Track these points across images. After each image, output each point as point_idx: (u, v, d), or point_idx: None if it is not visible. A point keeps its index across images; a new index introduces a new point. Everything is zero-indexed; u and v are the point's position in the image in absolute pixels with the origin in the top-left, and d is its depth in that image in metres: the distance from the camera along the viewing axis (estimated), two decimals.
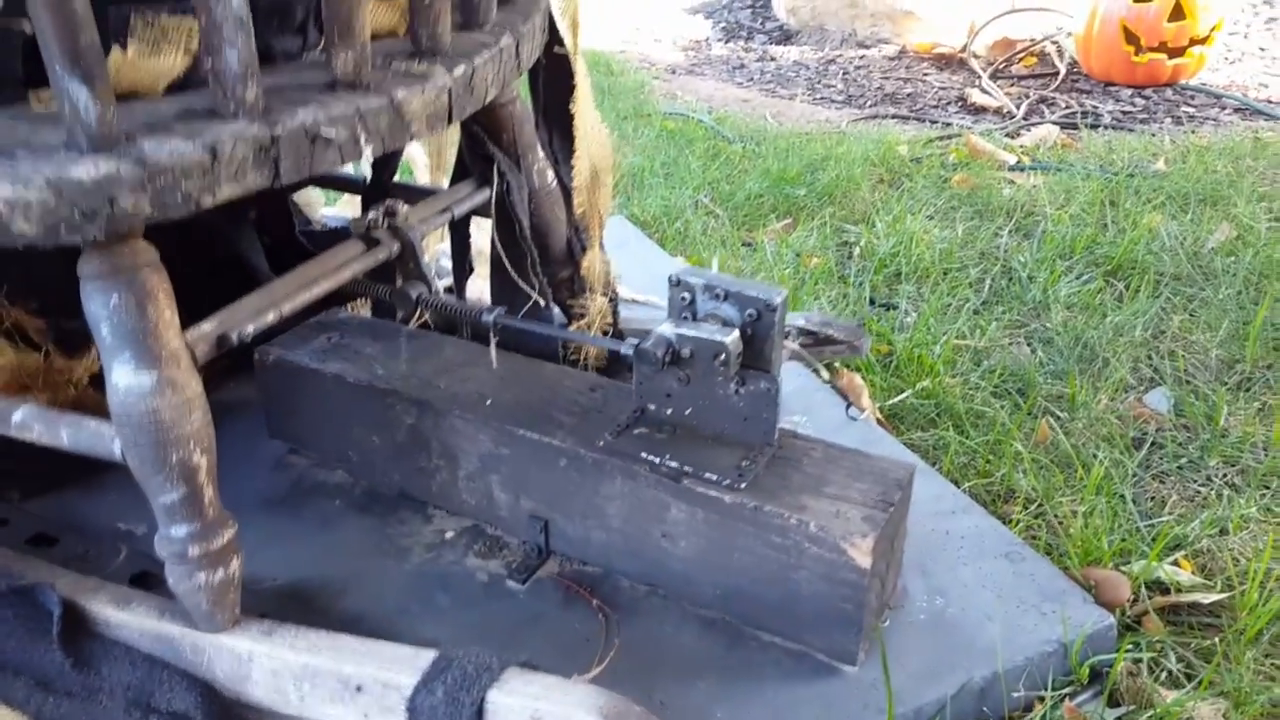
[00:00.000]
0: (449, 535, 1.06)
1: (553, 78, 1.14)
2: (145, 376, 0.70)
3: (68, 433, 0.76)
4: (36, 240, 0.62)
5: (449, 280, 1.37)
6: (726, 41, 3.71)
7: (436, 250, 1.51)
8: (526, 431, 0.96)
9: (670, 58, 3.56)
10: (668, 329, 0.83)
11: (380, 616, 0.94)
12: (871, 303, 1.60)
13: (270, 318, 0.85)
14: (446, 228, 1.15)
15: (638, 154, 2.31)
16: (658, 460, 0.88)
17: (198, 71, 0.70)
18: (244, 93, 0.67)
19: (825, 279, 1.66)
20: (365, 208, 1.29)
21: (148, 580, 0.98)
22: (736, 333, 0.81)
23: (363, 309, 1.35)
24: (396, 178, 1.43)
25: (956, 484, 1.12)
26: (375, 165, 1.23)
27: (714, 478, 0.85)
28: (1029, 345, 1.44)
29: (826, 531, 0.79)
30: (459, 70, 0.82)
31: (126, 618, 0.87)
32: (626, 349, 0.84)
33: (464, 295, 1.29)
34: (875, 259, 1.71)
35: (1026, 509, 1.09)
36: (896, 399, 1.27)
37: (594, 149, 1.18)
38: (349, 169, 1.46)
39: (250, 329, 0.83)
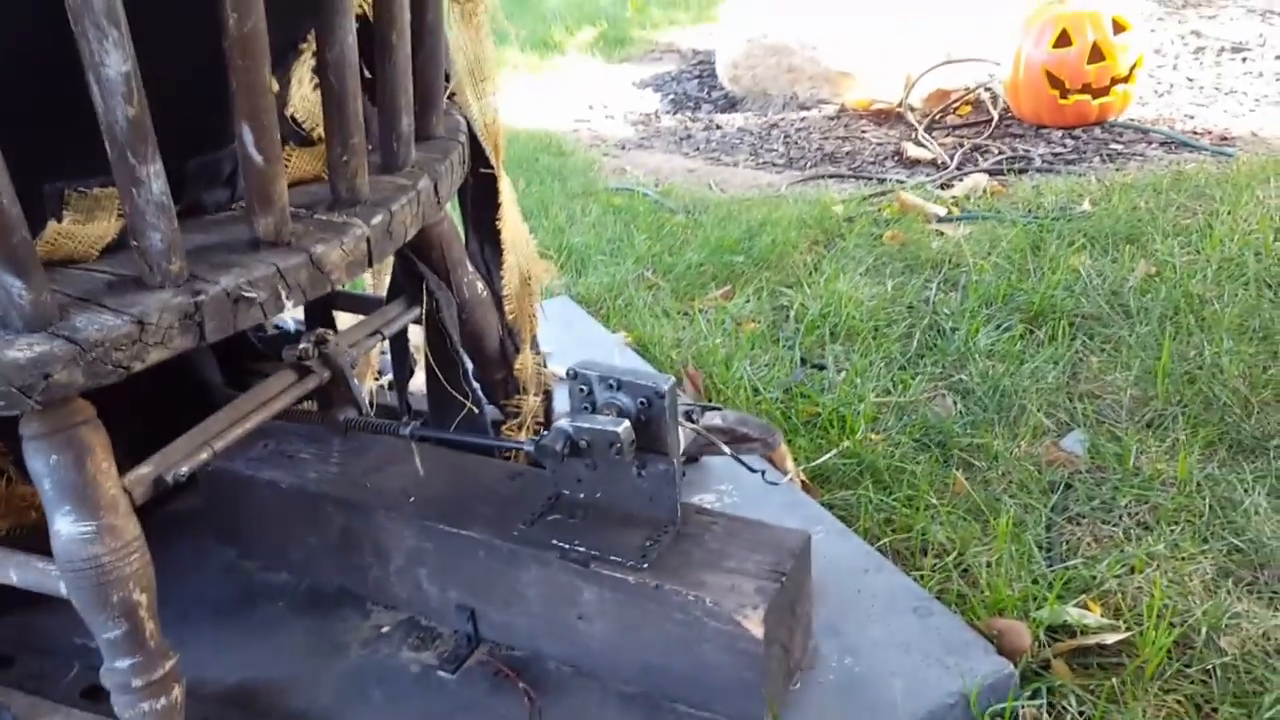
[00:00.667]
0: (385, 629, 1.10)
1: (480, 194, 1.21)
2: (85, 526, 0.76)
3: (16, 572, 0.82)
4: None
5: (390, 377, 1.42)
6: (675, 113, 3.83)
7: (378, 357, 1.56)
8: (446, 526, 1.00)
9: (621, 133, 3.67)
10: (565, 423, 0.88)
11: (319, 713, 0.98)
12: (803, 363, 1.65)
13: (204, 456, 0.90)
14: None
15: (584, 233, 2.39)
16: (567, 546, 0.93)
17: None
18: (168, 266, 0.74)
19: (760, 342, 1.72)
20: (307, 315, 1.35)
21: (98, 693, 1.01)
22: (627, 422, 0.86)
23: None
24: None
25: (874, 541, 1.16)
26: None
27: (619, 560, 0.90)
28: (951, 397, 1.49)
29: (721, 605, 0.84)
30: (377, 219, 0.88)
31: None
32: (529, 445, 0.89)
33: (405, 397, 1.34)
34: (807, 320, 1.77)
35: (940, 561, 1.13)
36: (820, 460, 1.32)
37: (522, 258, 1.24)
38: None
39: (185, 469, 0.88)
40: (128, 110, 0.65)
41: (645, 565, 0.89)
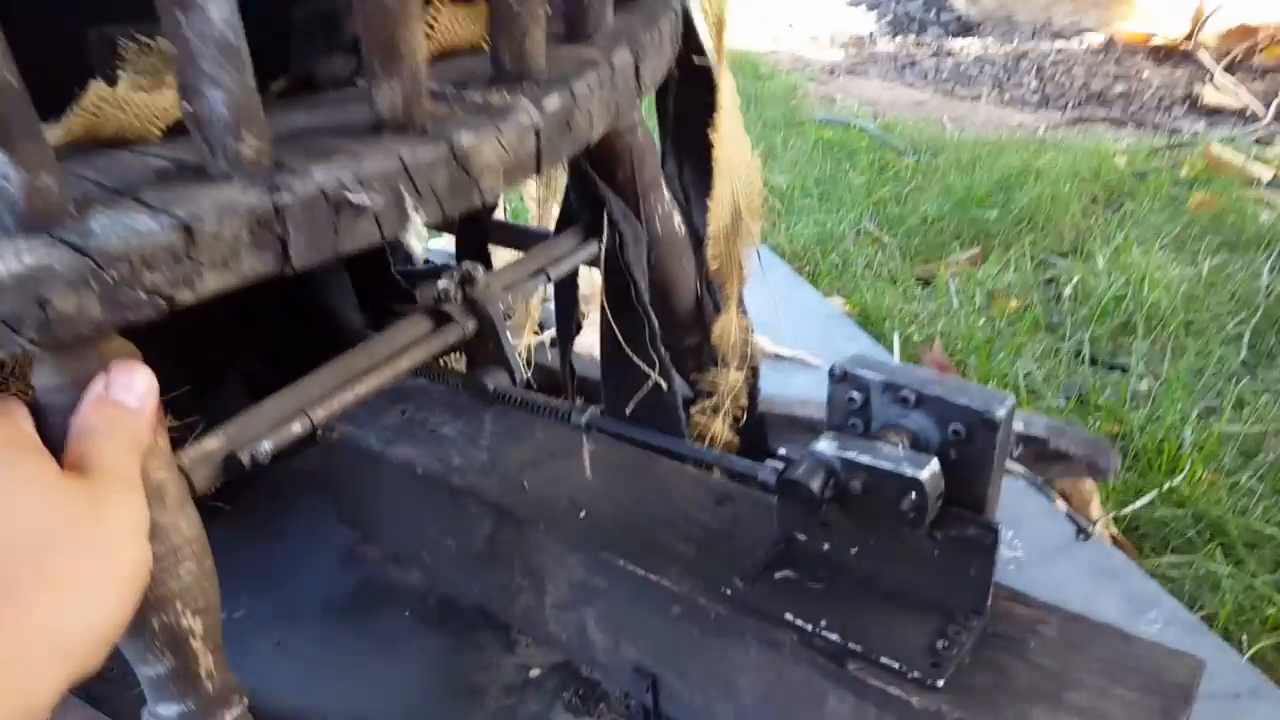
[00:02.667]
0: (534, 674, 0.88)
1: (688, 95, 0.93)
2: None
3: None
4: None
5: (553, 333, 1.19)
6: (894, 36, 3.43)
7: (540, 305, 1.32)
8: (628, 564, 0.75)
9: (828, 57, 3.31)
10: (828, 448, 0.60)
11: None
12: (1092, 362, 1.31)
13: (297, 429, 0.67)
14: None
15: (787, 170, 2.08)
16: (810, 629, 0.65)
17: None
18: (237, 146, 0.49)
19: (1028, 329, 1.39)
20: (459, 248, 1.12)
21: None
22: (936, 464, 0.57)
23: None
24: (505, 213, 1.25)
25: (1235, 644, 0.84)
26: None
27: (896, 665, 0.62)
28: None
29: None
30: (552, 102, 0.62)
31: None
32: (766, 474, 0.62)
33: (570, 360, 1.10)
34: (1094, 303, 1.42)
35: None
36: (1137, 505, 1.00)
37: (739, 186, 0.96)
38: None
39: (268, 446, 0.65)
40: None
41: (940, 681, 0.60)
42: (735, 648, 0.70)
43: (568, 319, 1.07)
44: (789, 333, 1.38)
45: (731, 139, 0.96)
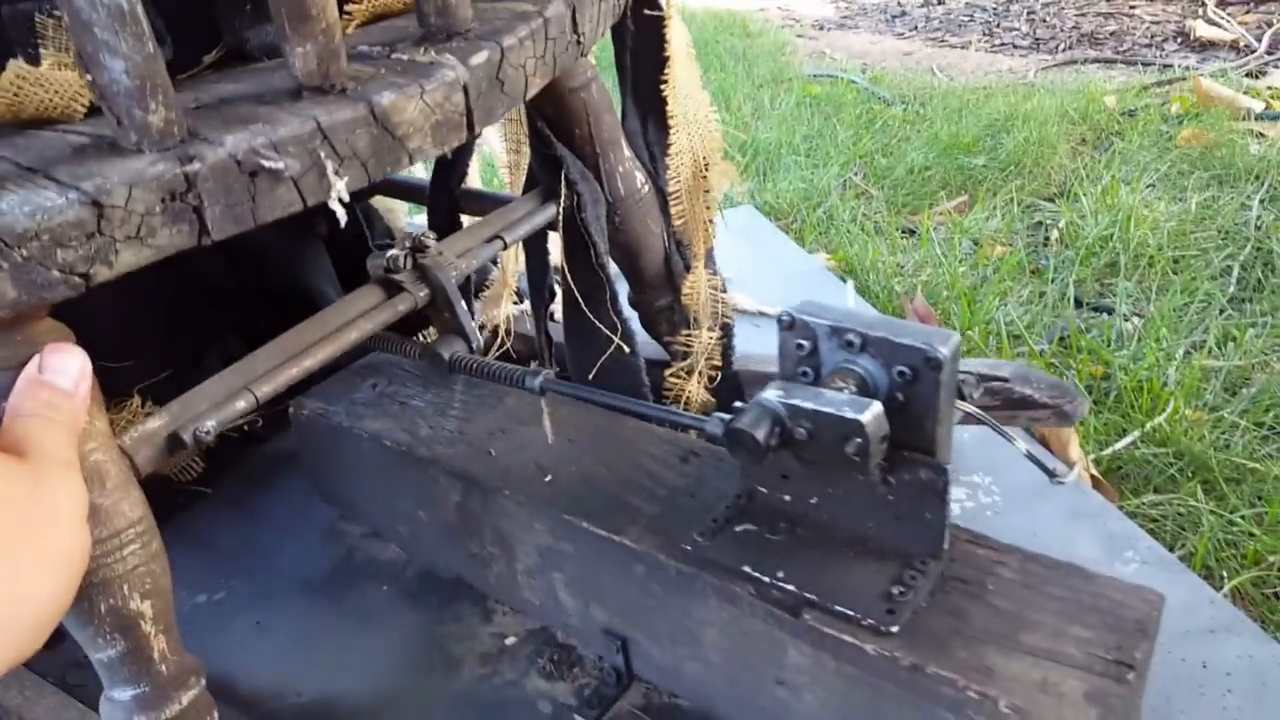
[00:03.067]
0: (510, 641, 0.87)
1: (644, 49, 0.91)
2: None
3: None
4: None
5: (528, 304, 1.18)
6: None
7: (516, 274, 1.31)
8: (591, 525, 0.74)
9: (817, 11, 3.26)
10: (774, 396, 0.59)
11: None
12: (1078, 304, 1.30)
13: (241, 405, 0.67)
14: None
15: (774, 128, 2.06)
16: (767, 580, 0.65)
17: None
18: (144, 117, 0.49)
19: (1014, 274, 1.37)
20: (430, 219, 1.12)
21: None
22: (879, 406, 0.56)
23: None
24: (478, 180, 1.24)
25: (1214, 581, 0.83)
26: (439, 166, 1.05)
27: (850, 613, 0.61)
28: None
29: (1028, 716, 0.54)
30: (479, 57, 0.61)
31: None
32: (713, 426, 0.61)
33: (545, 326, 1.09)
34: (1080, 245, 1.40)
35: None
36: (1118, 446, 0.98)
37: (699, 139, 0.94)
38: (418, 169, 1.28)
39: (212, 423, 0.65)
40: None
41: (894, 628, 0.60)
42: (697, 604, 0.69)
43: (540, 286, 1.07)
44: (771, 290, 1.36)
45: (687, 93, 0.94)
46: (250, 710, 0.81)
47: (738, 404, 0.65)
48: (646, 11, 0.88)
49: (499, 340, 1.26)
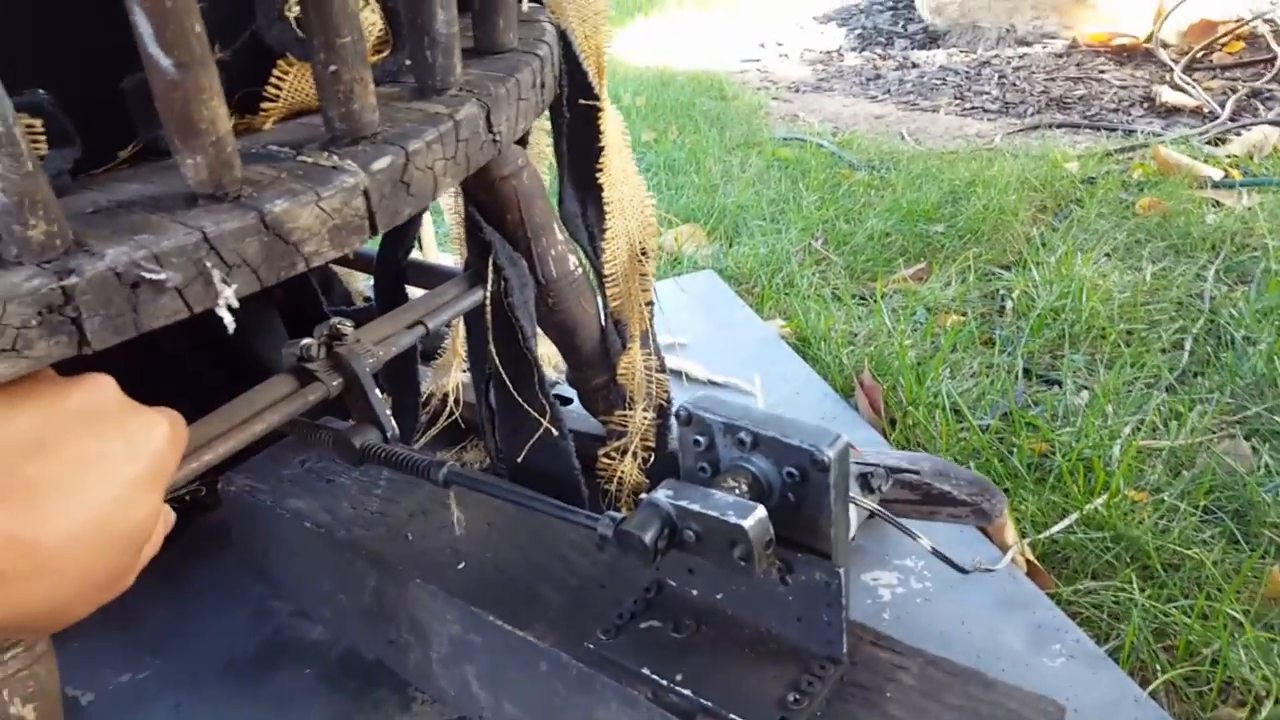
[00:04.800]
0: None
1: (581, 135, 0.92)
2: None
3: None
4: None
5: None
6: (862, 50, 3.42)
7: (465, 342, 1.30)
8: (497, 619, 0.72)
9: (795, 74, 3.30)
10: (663, 497, 0.58)
11: None
12: (1027, 375, 1.29)
13: None
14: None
15: (741, 192, 2.06)
16: (665, 683, 0.63)
17: None
18: (24, 232, 0.48)
19: (966, 344, 1.36)
20: (376, 290, 1.11)
21: None
22: (762, 511, 0.55)
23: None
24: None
25: (1142, 675, 0.81)
26: (386, 238, 1.05)
27: None
28: (1249, 443, 1.10)
29: None
30: (382, 162, 0.61)
31: None
32: (604, 527, 0.59)
33: (487, 402, 1.08)
34: (1032, 315, 1.39)
35: (1253, 717, 0.77)
36: (1055, 529, 0.97)
37: (634, 223, 0.94)
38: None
39: None
40: None
41: None
42: (598, 705, 0.67)
43: (480, 360, 1.06)
44: (727, 358, 1.36)
45: (623, 178, 0.95)
46: None
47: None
48: (581, 100, 0.89)
49: (448, 409, 1.24)
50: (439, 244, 1.60)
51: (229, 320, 0.55)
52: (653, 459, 0.99)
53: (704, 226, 1.92)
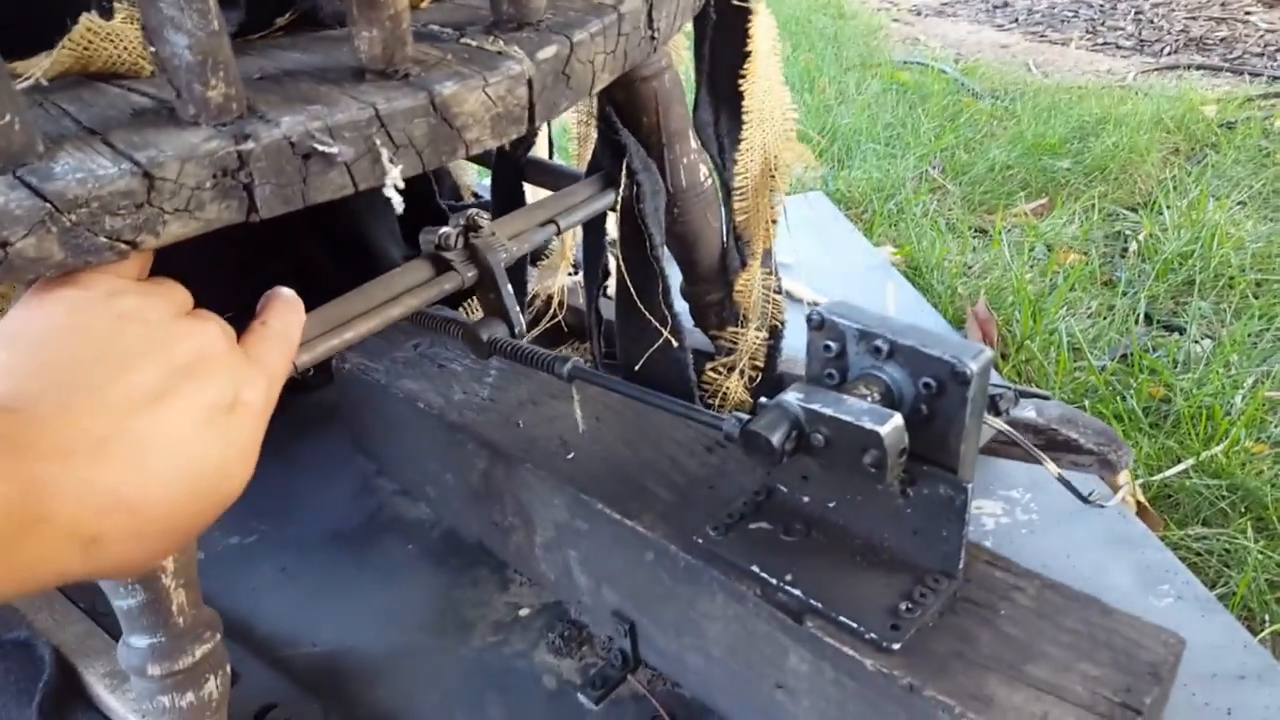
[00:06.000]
0: (524, 612, 0.87)
1: (726, 40, 0.89)
2: None
3: None
4: None
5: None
6: None
7: (575, 242, 1.30)
8: (606, 507, 0.73)
9: None
10: (794, 399, 0.57)
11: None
12: (1148, 320, 1.24)
13: None
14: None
15: (856, 114, 2.01)
16: (775, 581, 0.63)
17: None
18: (204, 91, 0.48)
19: (1085, 283, 1.32)
20: (494, 187, 1.11)
21: None
22: (899, 419, 0.54)
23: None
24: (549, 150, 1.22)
25: (1254, 625, 0.79)
26: None
27: (854, 625, 0.59)
28: None
29: None
30: (547, 51, 0.59)
31: (115, 704, 0.75)
32: (730, 426, 0.59)
33: (597, 305, 1.08)
34: (1158, 259, 1.34)
35: None
36: (1170, 473, 0.94)
37: (771, 137, 0.92)
38: None
39: None
40: None
41: (896, 645, 0.58)
42: (703, 597, 0.68)
43: (595, 264, 1.05)
44: (831, 280, 1.33)
45: (767, 88, 0.91)
46: (264, 655, 0.83)
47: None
48: (733, 2, 0.86)
49: (551, 311, 1.25)
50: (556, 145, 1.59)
51: (397, 200, 0.55)
52: (759, 379, 0.98)
53: (815, 147, 1.87)
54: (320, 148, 0.50)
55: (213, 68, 0.47)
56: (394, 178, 0.54)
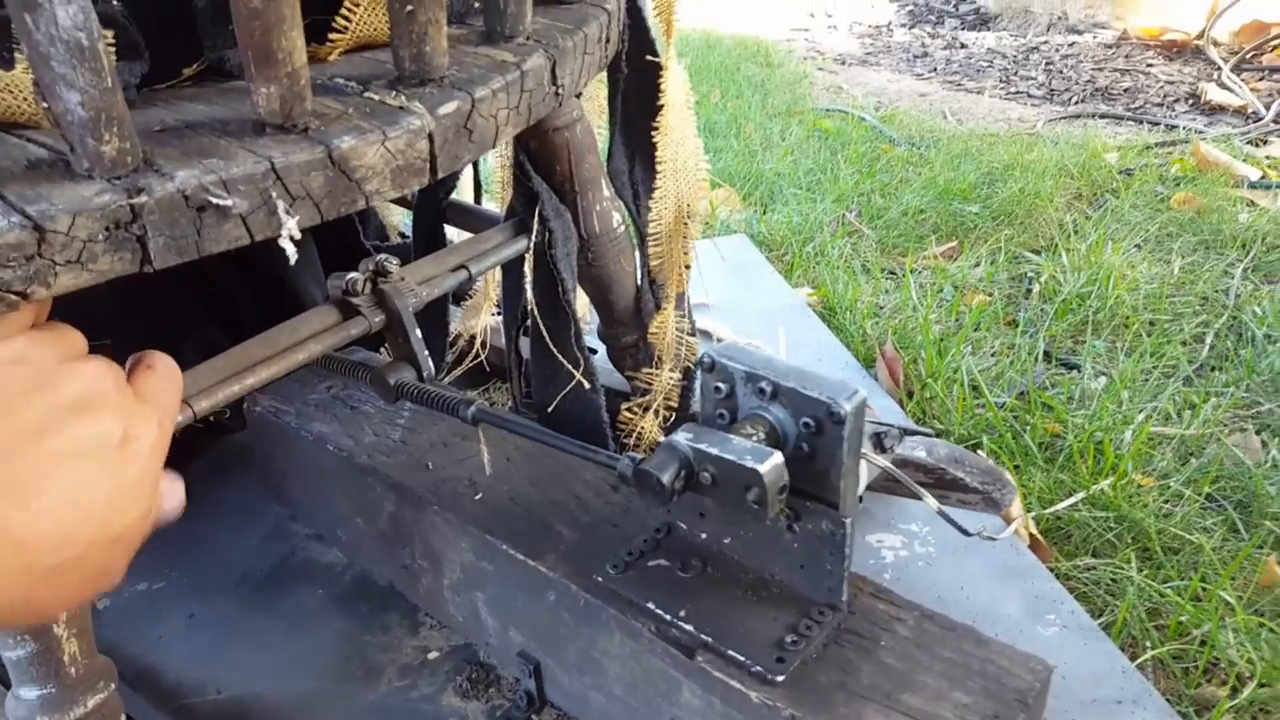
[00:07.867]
0: (432, 655, 0.87)
1: (638, 90, 0.91)
2: None
3: None
4: None
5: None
6: (912, 26, 3.37)
7: (498, 282, 1.31)
8: (510, 548, 0.74)
9: (843, 46, 3.26)
10: (683, 439, 0.59)
11: None
12: (1047, 357, 1.29)
13: (177, 418, 0.66)
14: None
15: (779, 159, 2.06)
16: (669, 618, 0.65)
17: None
18: (97, 146, 0.49)
19: (990, 323, 1.36)
20: (414, 230, 1.12)
21: None
22: (779, 457, 0.56)
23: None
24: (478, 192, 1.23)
25: (1136, 651, 0.82)
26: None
27: (741, 658, 0.61)
28: (1259, 437, 1.10)
29: None
30: (447, 107, 0.61)
31: None
32: (624, 466, 0.61)
33: (516, 347, 1.09)
34: (1058, 300, 1.39)
35: (1234, 697, 0.78)
36: (1060, 506, 0.97)
37: (684, 186, 0.94)
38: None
39: None
40: None
41: (780, 677, 0.59)
42: (603, 636, 0.69)
43: (514, 306, 1.07)
44: (752, 320, 1.36)
45: (680, 139, 0.94)
46: (167, 703, 0.82)
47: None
48: (645, 58, 0.88)
49: (474, 351, 1.26)
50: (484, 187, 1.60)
51: (291, 251, 0.56)
52: (674, 418, 1.00)
53: (740, 191, 1.91)
54: (214, 200, 0.51)
55: (106, 123, 0.48)
56: (290, 229, 0.55)
